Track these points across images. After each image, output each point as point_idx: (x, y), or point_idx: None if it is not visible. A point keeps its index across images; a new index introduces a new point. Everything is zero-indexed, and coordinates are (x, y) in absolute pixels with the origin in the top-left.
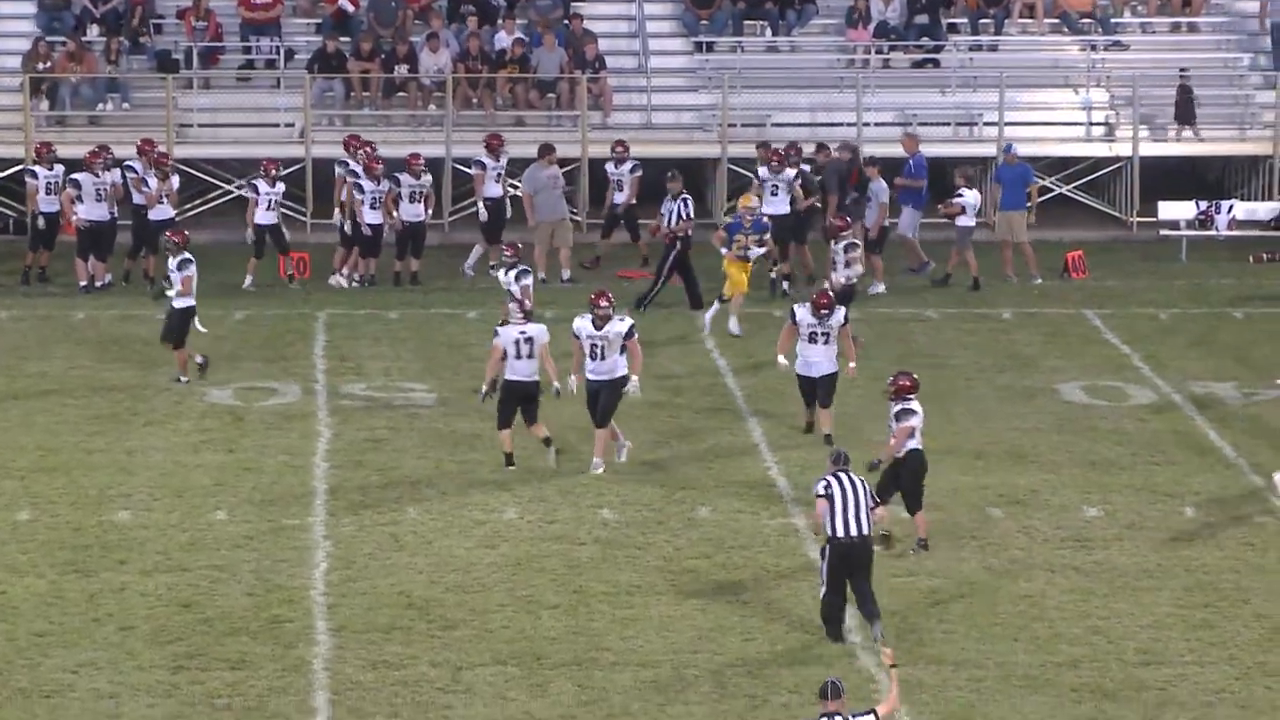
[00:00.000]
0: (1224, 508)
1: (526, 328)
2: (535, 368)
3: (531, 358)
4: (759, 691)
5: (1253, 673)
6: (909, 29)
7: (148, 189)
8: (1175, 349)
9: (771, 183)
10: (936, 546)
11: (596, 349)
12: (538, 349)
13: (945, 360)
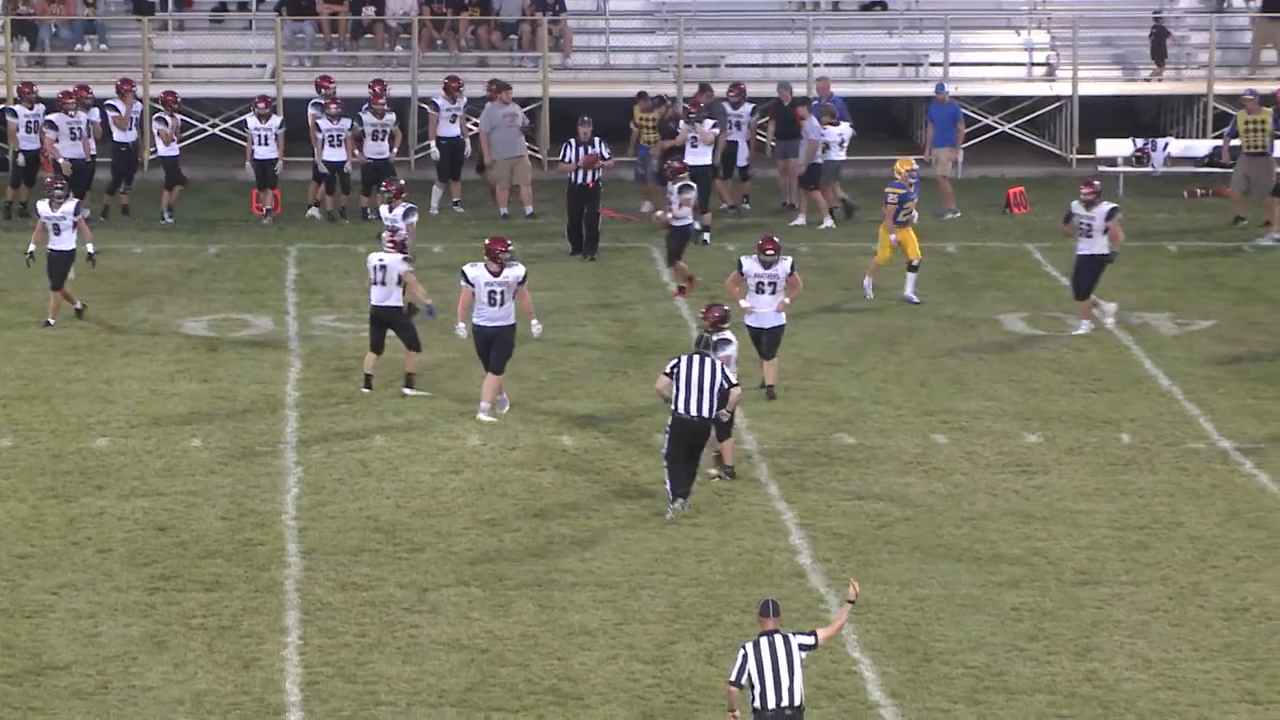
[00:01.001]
0: (1158, 434)
1: (384, 257)
2: (389, 294)
3: (385, 284)
4: (712, 611)
5: (1185, 592)
6: None
7: (164, 127)
8: (1112, 281)
9: (691, 134)
10: (884, 471)
11: (495, 295)
12: (400, 275)
13: (891, 291)
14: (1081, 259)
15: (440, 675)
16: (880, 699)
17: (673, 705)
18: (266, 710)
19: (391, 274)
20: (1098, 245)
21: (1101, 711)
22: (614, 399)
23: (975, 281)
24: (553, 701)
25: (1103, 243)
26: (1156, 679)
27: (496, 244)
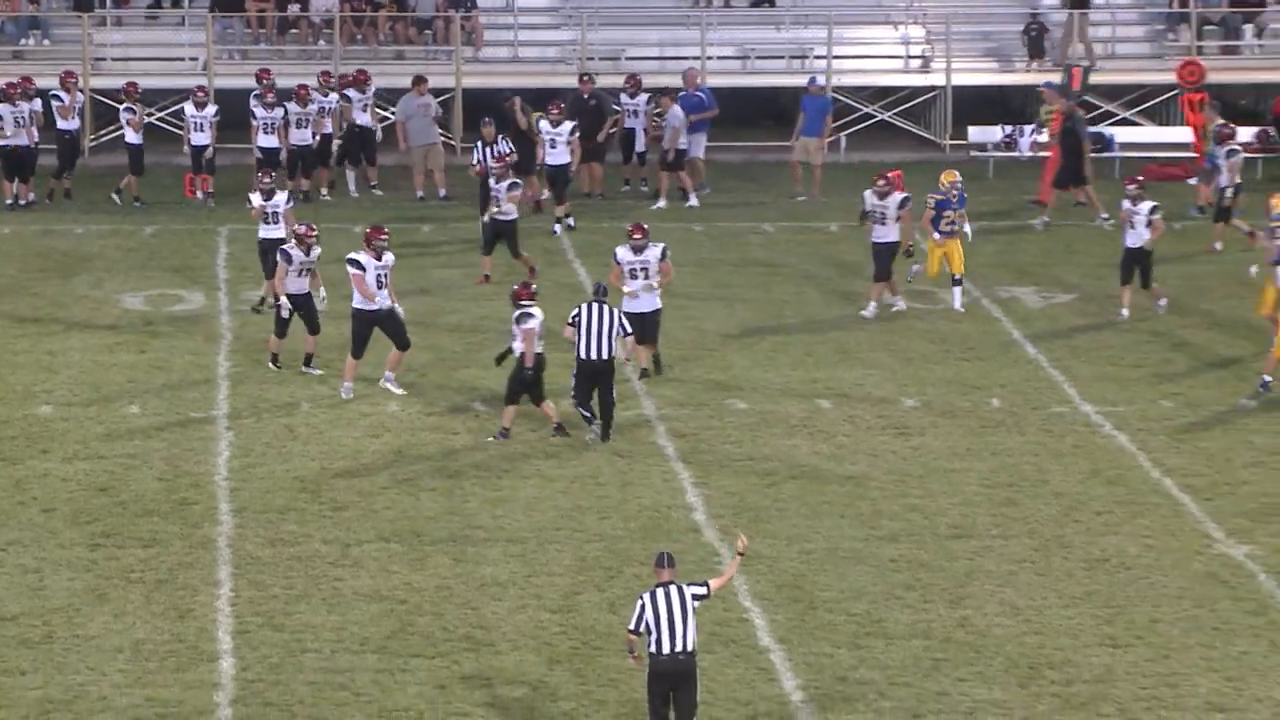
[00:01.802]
0: (1025, 399)
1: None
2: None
3: (301, 276)
4: (614, 564)
5: (1050, 545)
6: None
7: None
8: (982, 257)
9: (551, 135)
10: (771, 433)
11: (382, 280)
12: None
13: (779, 268)
14: (877, 245)
15: (362, 624)
16: (769, 644)
17: (577, 651)
18: (200, 657)
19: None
20: (891, 233)
21: (973, 655)
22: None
23: (856, 259)
24: (466, 649)
25: (896, 230)
26: (1024, 625)
27: (375, 233)
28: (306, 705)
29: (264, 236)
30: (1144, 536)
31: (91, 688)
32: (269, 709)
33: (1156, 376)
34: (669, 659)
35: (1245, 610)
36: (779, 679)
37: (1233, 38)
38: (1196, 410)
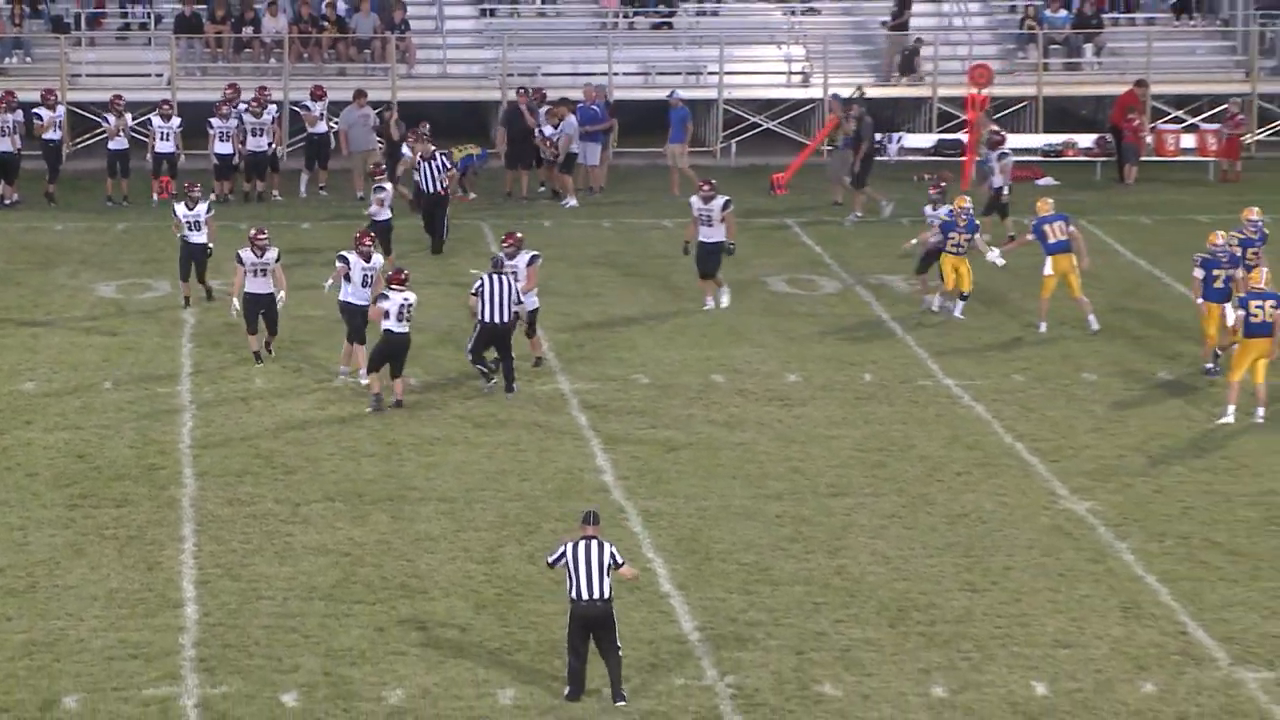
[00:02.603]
0: (894, 373)
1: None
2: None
3: (258, 276)
4: (533, 520)
5: (916, 502)
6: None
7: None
8: (856, 250)
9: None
10: (671, 405)
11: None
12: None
13: (677, 260)
14: (703, 245)
15: (310, 574)
16: (670, 590)
17: (501, 597)
18: (167, 604)
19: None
20: (716, 234)
21: (849, 599)
22: (450, 347)
23: (745, 251)
24: (403, 596)
25: (720, 231)
26: (893, 572)
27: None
28: (261, 646)
29: (191, 242)
30: (998, 494)
31: (70, 631)
32: (228, 649)
33: (1008, 353)
34: (586, 604)
35: (1086, 559)
36: (679, 621)
37: (1075, 55)
38: (1043, 383)
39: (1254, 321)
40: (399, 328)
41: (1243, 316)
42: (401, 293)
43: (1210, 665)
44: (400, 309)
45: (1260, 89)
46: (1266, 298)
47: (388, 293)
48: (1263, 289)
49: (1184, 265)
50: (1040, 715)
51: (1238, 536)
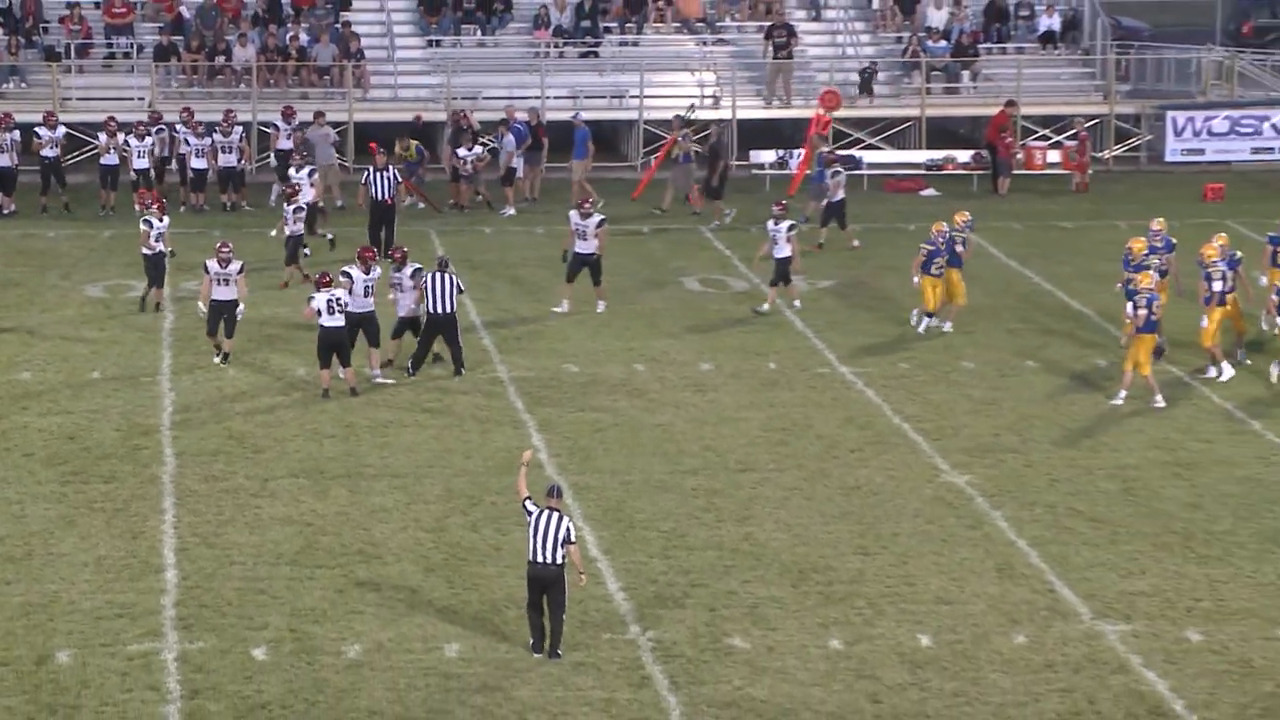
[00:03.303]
0: (795, 362)
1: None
2: (230, 290)
3: (223, 285)
4: (476, 494)
5: (815, 476)
6: (577, 30)
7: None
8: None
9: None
10: (598, 390)
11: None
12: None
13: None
14: (576, 255)
15: (277, 542)
16: (597, 555)
17: (447, 561)
18: (149, 569)
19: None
20: (589, 246)
21: (755, 562)
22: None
23: (663, 254)
24: (360, 561)
25: (593, 245)
26: (795, 538)
27: (364, 251)
28: (234, 606)
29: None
30: (887, 469)
31: (63, 594)
32: (204, 609)
33: (896, 345)
34: (540, 566)
35: (965, 525)
36: (605, 582)
37: (954, 81)
38: (927, 370)
39: (1141, 319)
40: (331, 321)
41: (1145, 315)
42: (328, 291)
43: (1074, 619)
44: (329, 304)
45: (1117, 110)
46: (1153, 299)
47: (313, 294)
48: (1145, 289)
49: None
50: (925, 664)
51: (1098, 506)
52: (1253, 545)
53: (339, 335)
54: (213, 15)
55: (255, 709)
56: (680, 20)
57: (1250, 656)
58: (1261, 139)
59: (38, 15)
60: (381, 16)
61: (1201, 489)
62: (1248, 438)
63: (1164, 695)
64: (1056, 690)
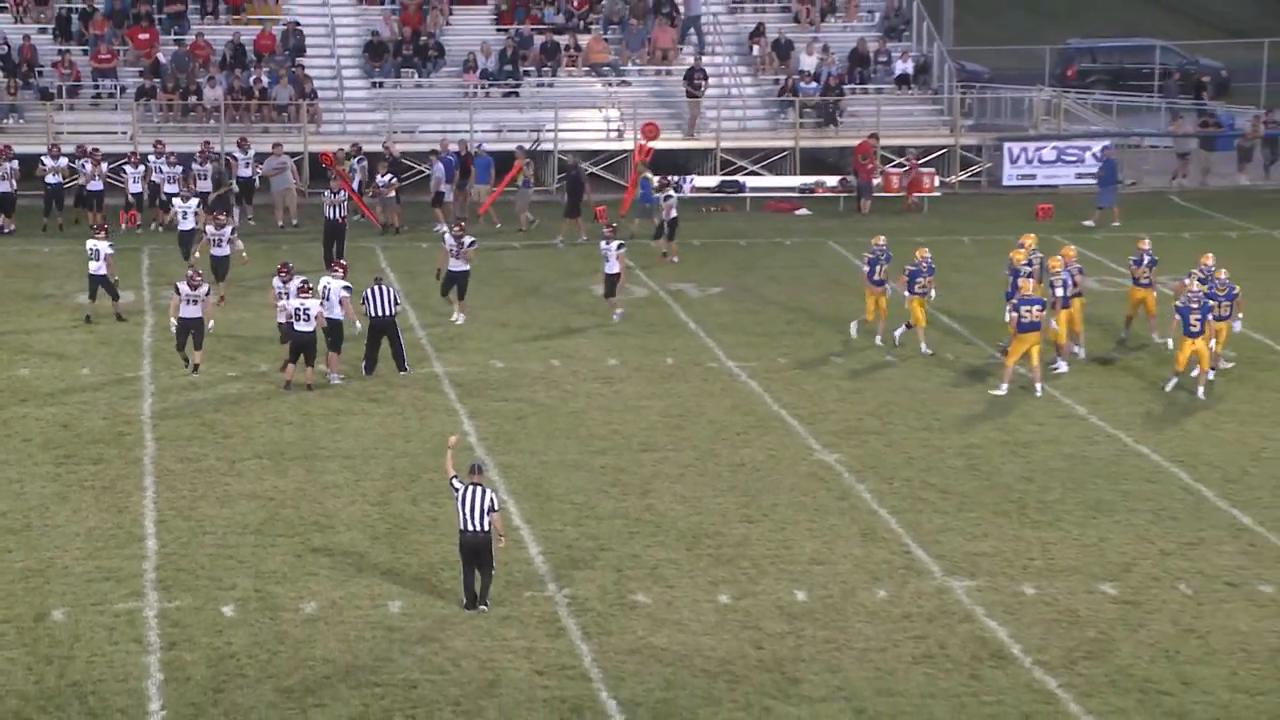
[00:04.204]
0: (690, 358)
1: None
2: (197, 309)
3: (190, 304)
4: (415, 472)
5: (706, 455)
6: (501, 73)
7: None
8: (660, 266)
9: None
10: (520, 383)
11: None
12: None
13: (523, 271)
14: (449, 273)
15: (244, 515)
16: (520, 524)
17: (390, 531)
18: (133, 539)
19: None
20: (461, 264)
21: (655, 529)
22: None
23: (578, 268)
24: (315, 530)
25: (464, 263)
26: (689, 509)
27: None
28: (206, 569)
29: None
30: (768, 449)
31: (57, 560)
32: (180, 573)
33: (775, 343)
34: (470, 534)
35: (835, 497)
36: (527, 547)
37: (823, 116)
38: (804, 365)
39: (1024, 321)
40: (302, 326)
41: (1016, 318)
42: (302, 299)
43: (928, 576)
44: (299, 312)
45: (961, 141)
46: (1034, 304)
47: (291, 301)
48: (1031, 296)
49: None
50: (800, 616)
51: (947, 479)
52: (1078, 512)
53: (308, 339)
54: (186, 60)
55: (225, 658)
56: (589, 65)
57: (1076, 607)
58: (1083, 166)
59: (33, 60)
60: (332, 61)
61: (1035, 464)
62: (1074, 421)
63: (1004, 640)
64: (912, 637)
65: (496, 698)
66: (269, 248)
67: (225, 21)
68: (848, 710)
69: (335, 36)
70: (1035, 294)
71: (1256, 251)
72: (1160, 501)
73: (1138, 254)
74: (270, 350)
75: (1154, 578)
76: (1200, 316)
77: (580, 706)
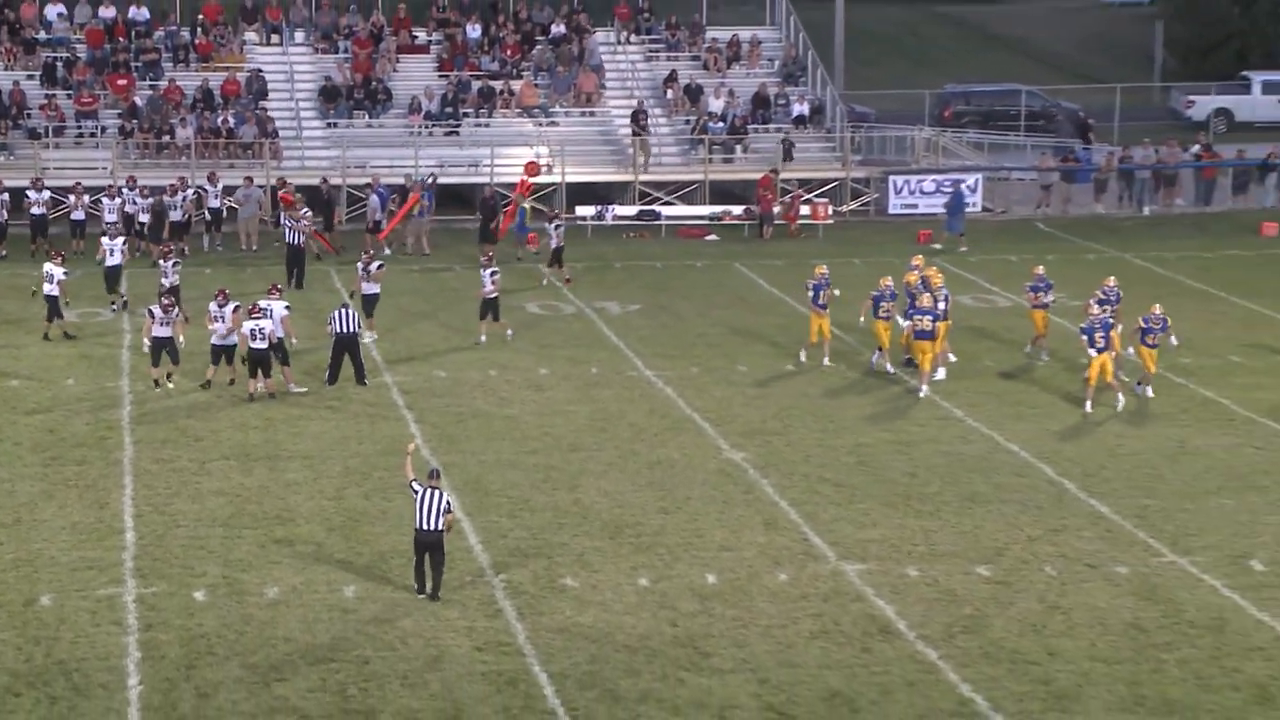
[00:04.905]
0: (612, 368)
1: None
2: (167, 329)
3: (163, 325)
4: (367, 470)
5: (627, 454)
6: (442, 114)
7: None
8: (585, 285)
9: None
10: (461, 391)
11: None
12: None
13: (463, 291)
14: (365, 296)
15: (212, 510)
16: (461, 516)
17: (345, 523)
18: (113, 532)
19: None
20: (373, 288)
21: (582, 520)
22: (314, 353)
23: (510, 285)
24: (277, 523)
25: (376, 286)
26: (612, 502)
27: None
28: (179, 559)
29: (46, 292)
30: (682, 449)
31: (45, 551)
32: (156, 562)
33: (687, 354)
34: (425, 533)
35: (741, 491)
36: (468, 538)
37: (729, 152)
38: (711, 374)
39: (920, 329)
40: (256, 344)
41: (911, 327)
42: (254, 320)
43: (823, 561)
44: (252, 333)
45: (852, 174)
46: (926, 314)
47: (245, 322)
48: (925, 308)
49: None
50: (711, 596)
51: (840, 475)
52: (956, 503)
53: (262, 355)
54: (160, 103)
55: (196, 638)
56: (521, 107)
57: (954, 588)
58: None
59: (22, 103)
60: (291, 104)
61: (917, 461)
62: (952, 423)
63: (891, 617)
64: (810, 615)
65: (440, 671)
66: (236, 270)
67: (195, 69)
68: (753, 681)
69: (294, 82)
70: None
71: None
72: (1027, 493)
73: (1034, 279)
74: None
75: (1023, 561)
76: (1104, 334)
77: (515, 679)
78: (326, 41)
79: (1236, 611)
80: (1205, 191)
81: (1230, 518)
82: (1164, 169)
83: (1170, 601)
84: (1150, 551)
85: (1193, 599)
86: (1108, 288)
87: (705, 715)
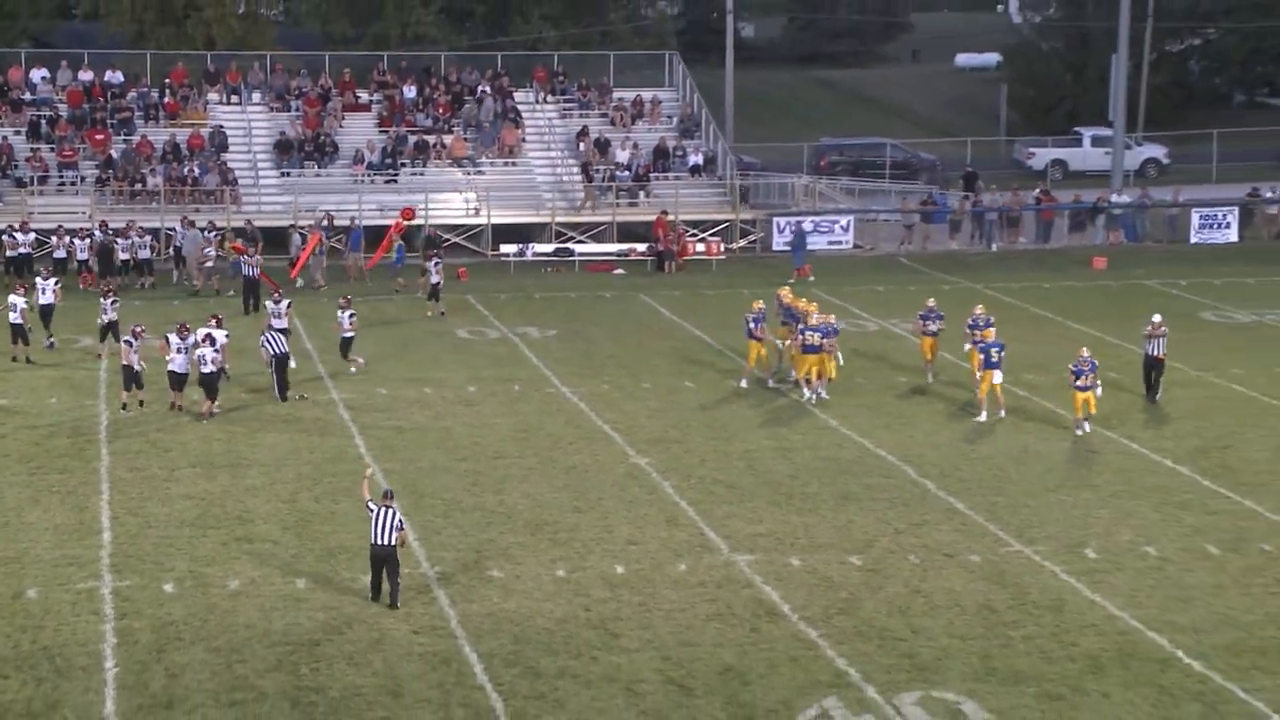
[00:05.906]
0: (533, 385)
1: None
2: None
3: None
4: (317, 476)
5: (546, 461)
6: (383, 164)
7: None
8: (509, 313)
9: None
10: (398, 408)
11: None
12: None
13: (404, 321)
14: (272, 332)
15: (182, 512)
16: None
17: (298, 523)
18: (92, 532)
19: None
20: (283, 323)
21: (506, 519)
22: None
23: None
24: (238, 523)
25: (285, 322)
26: (533, 503)
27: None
28: (151, 556)
29: (12, 321)
30: (594, 455)
31: (31, 550)
32: (129, 558)
33: (598, 373)
34: (379, 547)
35: (646, 491)
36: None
37: (634, 197)
38: (621, 390)
39: (808, 344)
40: (205, 369)
41: (800, 341)
42: (206, 348)
43: (717, 552)
44: (201, 358)
45: (741, 216)
46: (818, 331)
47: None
48: (816, 325)
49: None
50: (620, 585)
51: (733, 476)
52: (832, 501)
53: (212, 378)
54: (133, 155)
55: (166, 625)
56: (452, 158)
57: (831, 575)
58: (833, 235)
59: (10, 156)
60: (249, 156)
61: (798, 464)
62: (829, 431)
63: (776, 601)
64: (706, 600)
65: (382, 652)
66: (200, 300)
67: (164, 125)
68: (657, 658)
69: (252, 136)
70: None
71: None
72: (894, 492)
73: (925, 310)
74: (192, 390)
75: (890, 551)
76: (999, 351)
77: (448, 658)
78: (280, 101)
79: (1073, 593)
80: (1044, 231)
81: (1067, 512)
82: (1009, 211)
83: (1017, 585)
84: (999, 542)
85: (1036, 583)
86: (976, 315)
87: (615, 688)
